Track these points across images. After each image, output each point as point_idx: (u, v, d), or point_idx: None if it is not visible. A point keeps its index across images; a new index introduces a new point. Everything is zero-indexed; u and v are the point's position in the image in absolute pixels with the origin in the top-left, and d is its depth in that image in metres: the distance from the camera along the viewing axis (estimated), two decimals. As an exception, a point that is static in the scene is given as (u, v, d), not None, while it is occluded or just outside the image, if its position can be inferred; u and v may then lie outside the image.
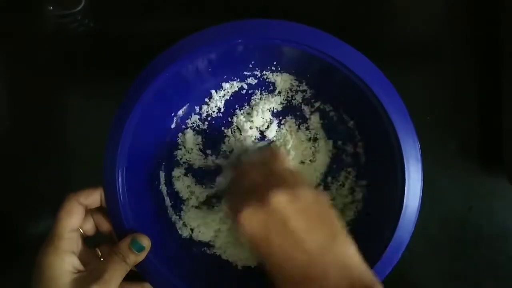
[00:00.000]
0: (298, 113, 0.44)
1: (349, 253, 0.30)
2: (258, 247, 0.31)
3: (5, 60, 0.50)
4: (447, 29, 0.48)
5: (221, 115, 0.44)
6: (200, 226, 0.42)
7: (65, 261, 0.32)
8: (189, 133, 0.43)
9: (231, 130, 0.44)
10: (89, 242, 0.37)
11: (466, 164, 0.46)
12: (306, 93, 0.44)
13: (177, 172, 0.43)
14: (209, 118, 0.44)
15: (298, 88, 0.43)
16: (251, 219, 0.30)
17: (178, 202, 0.43)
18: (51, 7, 0.47)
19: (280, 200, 0.30)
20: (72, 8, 0.47)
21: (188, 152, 0.43)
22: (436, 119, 0.47)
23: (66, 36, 0.49)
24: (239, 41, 0.37)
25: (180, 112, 0.43)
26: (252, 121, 0.43)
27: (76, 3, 0.47)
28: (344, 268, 0.29)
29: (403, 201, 0.36)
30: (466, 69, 0.47)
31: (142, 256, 0.35)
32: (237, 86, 0.44)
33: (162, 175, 0.43)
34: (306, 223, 0.30)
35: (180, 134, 0.44)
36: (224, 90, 0.44)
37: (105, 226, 0.37)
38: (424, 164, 0.36)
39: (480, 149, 0.46)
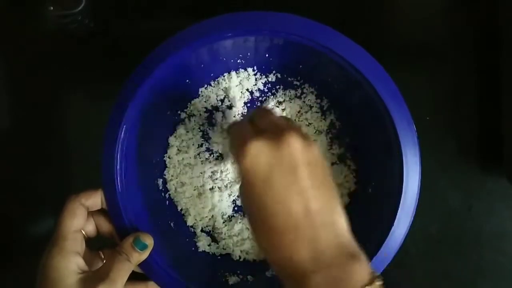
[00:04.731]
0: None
1: (342, 221, 0.28)
2: (253, 187, 0.28)
3: (5, 60, 0.50)
4: (448, 29, 0.48)
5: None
6: (196, 213, 0.43)
7: (71, 261, 0.32)
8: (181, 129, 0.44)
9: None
10: (91, 245, 0.37)
11: (466, 164, 0.46)
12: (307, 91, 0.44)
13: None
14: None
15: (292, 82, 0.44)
16: (259, 152, 0.27)
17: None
18: (51, 7, 0.47)
19: (296, 142, 0.28)
20: (72, 8, 0.47)
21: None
22: (436, 119, 0.47)
23: (66, 36, 0.49)
24: (229, 34, 0.37)
25: (176, 109, 0.44)
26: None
27: (77, 3, 0.47)
28: (335, 235, 0.28)
29: (401, 187, 0.36)
30: (466, 69, 0.47)
31: (145, 254, 0.35)
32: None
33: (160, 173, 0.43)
34: (313, 179, 0.28)
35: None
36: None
37: (106, 227, 0.37)
38: (423, 164, 0.36)
39: (480, 149, 0.46)
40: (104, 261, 0.37)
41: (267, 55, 0.42)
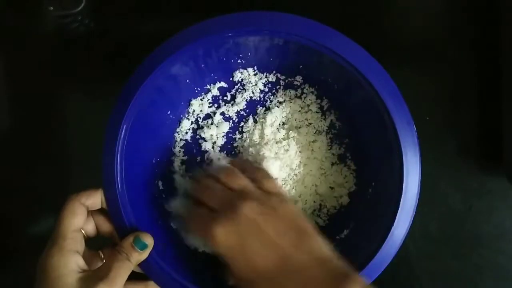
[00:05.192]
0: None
1: (321, 246, 0.32)
2: (235, 259, 0.33)
3: (5, 60, 0.50)
4: (448, 29, 0.48)
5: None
6: None
7: (70, 260, 0.32)
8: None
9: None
10: (91, 245, 0.37)
11: (466, 164, 0.46)
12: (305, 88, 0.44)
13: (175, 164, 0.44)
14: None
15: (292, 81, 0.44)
16: (225, 235, 0.32)
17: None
18: (51, 7, 0.47)
19: (248, 209, 0.32)
20: (73, 8, 0.47)
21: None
22: (436, 119, 0.47)
23: (66, 36, 0.49)
24: (229, 34, 0.37)
25: (176, 109, 0.44)
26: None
27: (77, 3, 0.47)
28: (320, 260, 0.31)
29: (401, 187, 0.36)
30: (466, 69, 0.47)
31: (145, 254, 0.35)
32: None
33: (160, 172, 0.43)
34: (277, 227, 0.32)
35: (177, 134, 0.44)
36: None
37: (106, 227, 0.37)
38: (423, 164, 0.36)
39: (480, 149, 0.46)
40: (104, 261, 0.37)
41: (267, 55, 0.42)
